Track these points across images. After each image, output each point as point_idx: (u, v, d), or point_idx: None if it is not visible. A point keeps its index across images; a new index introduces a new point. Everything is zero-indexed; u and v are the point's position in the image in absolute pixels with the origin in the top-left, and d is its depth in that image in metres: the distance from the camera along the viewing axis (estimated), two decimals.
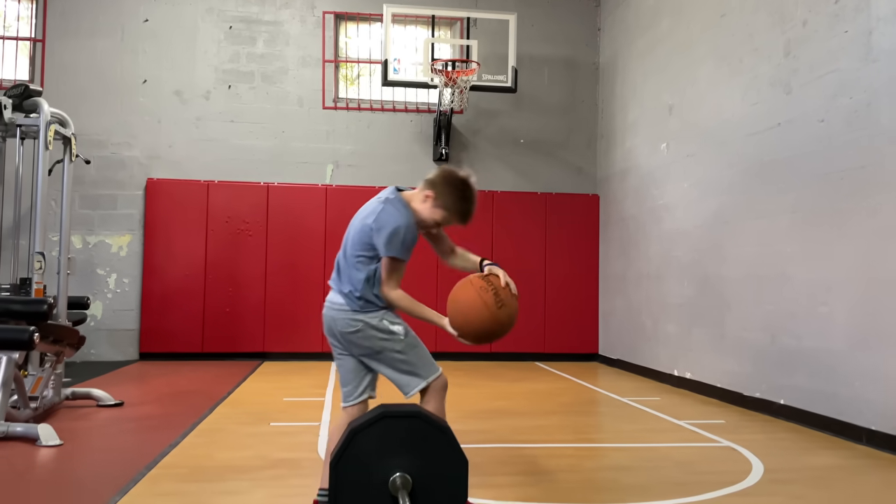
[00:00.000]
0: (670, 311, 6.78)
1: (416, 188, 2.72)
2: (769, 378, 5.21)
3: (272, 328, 8.29)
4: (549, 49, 8.91)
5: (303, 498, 3.03)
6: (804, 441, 4.38)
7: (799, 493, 3.26)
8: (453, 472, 2.45)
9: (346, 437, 2.41)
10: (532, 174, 8.80)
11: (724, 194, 5.92)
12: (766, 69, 5.37)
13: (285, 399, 5.60)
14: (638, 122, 7.68)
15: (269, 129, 8.51)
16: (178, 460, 3.63)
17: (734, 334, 5.69)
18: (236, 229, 8.30)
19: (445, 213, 2.64)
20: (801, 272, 4.91)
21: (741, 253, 5.63)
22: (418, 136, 8.73)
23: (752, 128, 5.51)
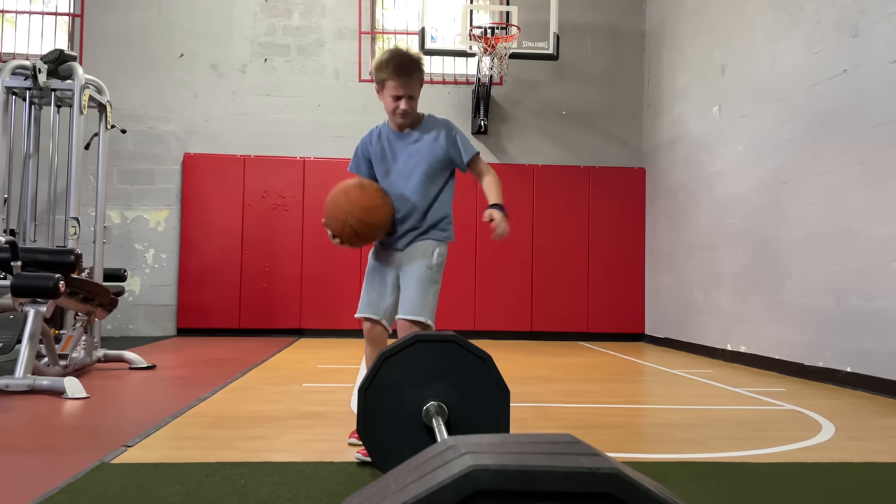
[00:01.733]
0: (723, 283, 6.42)
1: None
2: (834, 345, 4.84)
3: (309, 304, 8.15)
4: (592, 16, 8.58)
5: (330, 443, 2.83)
6: (876, 406, 4.02)
7: (877, 449, 2.93)
8: (493, 402, 2.22)
9: (376, 363, 2.21)
10: (574, 147, 8.49)
11: (782, 153, 5.54)
12: (829, 13, 4.99)
13: (320, 366, 5.43)
14: (687, 87, 7.31)
15: (306, 103, 8.38)
16: (204, 410, 3.47)
17: (794, 301, 5.32)
18: (272, 204, 8.19)
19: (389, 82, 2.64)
20: (870, 227, 4.53)
21: (802, 213, 5.26)
22: (456, 107, 8.49)
23: (815, 78, 5.13)
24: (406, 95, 2.64)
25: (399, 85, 2.62)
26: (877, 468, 2.60)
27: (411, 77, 2.63)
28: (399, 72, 2.61)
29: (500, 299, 8.22)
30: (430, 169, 2.70)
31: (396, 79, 2.61)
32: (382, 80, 2.66)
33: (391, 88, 2.64)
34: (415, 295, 2.66)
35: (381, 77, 2.66)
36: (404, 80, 2.61)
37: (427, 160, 2.70)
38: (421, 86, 2.71)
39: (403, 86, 2.62)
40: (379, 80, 2.69)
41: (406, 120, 2.69)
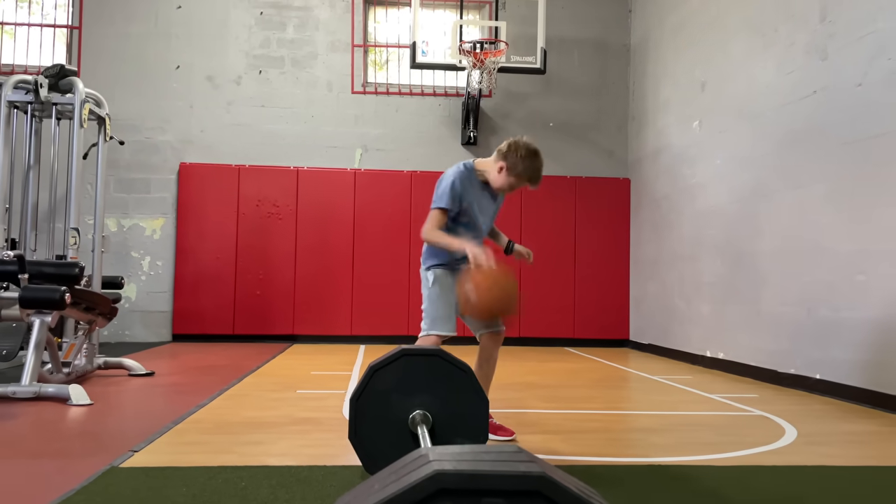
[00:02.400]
0: (704, 291, 6.65)
1: (491, 158, 3.13)
2: (805, 353, 5.07)
3: (301, 311, 8.34)
4: (578, 31, 8.82)
5: (323, 448, 3.02)
6: (840, 412, 4.25)
7: (831, 453, 3.15)
8: (474, 411, 2.42)
9: (366, 374, 2.40)
10: (562, 158, 8.72)
11: (758, 168, 5.78)
12: (801, 36, 5.23)
13: (313, 372, 5.62)
14: (670, 101, 7.55)
15: (299, 114, 8.57)
16: (204, 416, 3.66)
17: (770, 310, 5.55)
18: (266, 213, 8.37)
19: (516, 178, 3.02)
20: (837, 242, 4.77)
21: (776, 226, 5.50)
22: (446, 119, 8.71)
23: (787, 98, 5.37)
24: (515, 189, 3.10)
25: (519, 185, 3.07)
26: (826, 471, 2.82)
27: (533, 188, 3.10)
28: (531, 181, 3.04)
29: None
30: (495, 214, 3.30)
31: (524, 182, 3.05)
32: (515, 172, 3.00)
33: (513, 181, 3.03)
34: None
35: (514, 168, 3.00)
36: (528, 186, 3.08)
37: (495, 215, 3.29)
38: None
39: (521, 186, 3.08)
40: (511, 166, 3.00)
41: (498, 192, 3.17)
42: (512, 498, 0.82)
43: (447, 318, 3.07)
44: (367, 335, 8.36)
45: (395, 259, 8.42)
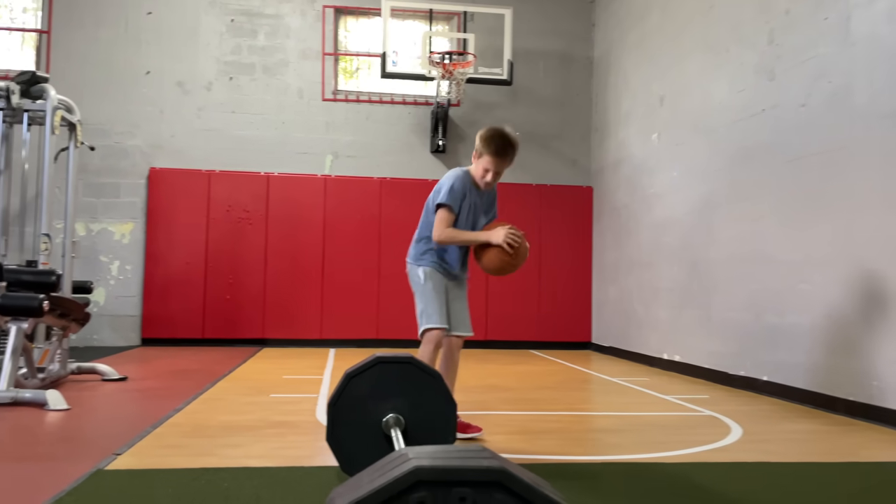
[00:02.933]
0: (661, 297, 6.95)
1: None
2: (753, 355, 5.38)
3: (272, 315, 8.45)
4: (544, 43, 9.09)
5: (300, 450, 3.19)
6: (784, 412, 4.55)
7: (771, 450, 3.42)
8: (443, 414, 2.62)
9: (342, 381, 2.58)
10: (527, 166, 8.97)
11: (711, 180, 6.09)
12: (751, 57, 5.55)
13: (285, 376, 5.75)
14: (630, 113, 7.85)
15: (270, 120, 8.68)
16: (181, 420, 3.80)
17: (721, 315, 5.86)
18: (237, 218, 8.46)
19: (487, 159, 3.15)
20: (783, 251, 5.08)
21: (727, 236, 5.81)
22: (416, 127, 8.90)
23: (738, 114, 5.68)
24: (494, 172, 3.18)
25: (493, 163, 3.15)
26: (764, 467, 3.08)
27: (504, 160, 3.16)
28: (497, 153, 3.13)
29: None
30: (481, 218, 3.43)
31: (493, 158, 3.14)
32: (481, 153, 3.16)
33: (486, 163, 3.16)
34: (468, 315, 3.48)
35: (481, 150, 3.16)
36: (498, 160, 3.15)
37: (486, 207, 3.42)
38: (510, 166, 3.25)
39: (496, 164, 3.16)
40: (479, 150, 3.18)
41: (487, 189, 3.31)
42: (476, 487, 1.02)
43: (442, 311, 3.31)
44: (337, 339, 8.50)
45: (364, 264, 8.58)
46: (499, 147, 3.13)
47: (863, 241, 4.32)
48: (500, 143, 3.13)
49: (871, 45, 4.29)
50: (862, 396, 4.28)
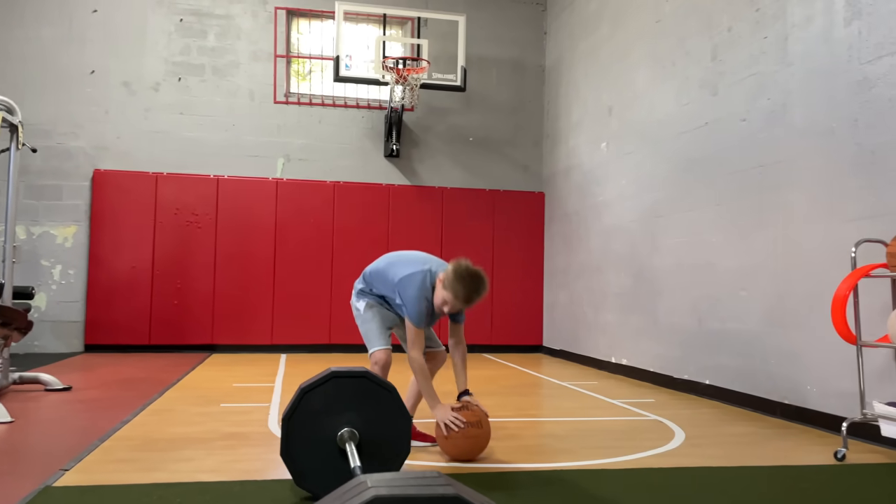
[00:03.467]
0: (609, 302, 7.13)
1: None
2: (696, 360, 5.57)
3: (221, 320, 8.34)
4: (497, 51, 9.20)
5: (252, 463, 3.19)
6: (724, 415, 4.73)
7: (712, 454, 3.57)
8: (398, 428, 2.66)
9: (297, 396, 2.60)
10: (480, 171, 9.08)
11: (657, 190, 6.28)
12: (695, 72, 5.74)
13: (235, 385, 5.70)
14: (581, 122, 8.02)
15: (220, 122, 8.57)
16: (130, 433, 3.74)
17: (666, 320, 6.04)
18: (185, 221, 8.32)
19: (452, 297, 3.16)
20: (724, 260, 5.28)
21: (672, 244, 6.00)
22: (369, 131, 8.90)
23: (683, 127, 5.88)
24: (452, 310, 3.24)
25: (455, 305, 3.20)
26: (705, 471, 3.21)
27: (467, 306, 3.22)
28: (465, 300, 3.17)
29: None
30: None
31: (458, 302, 3.17)
32: (449, 288, 3.16)
33: (449, 300, 3.18)
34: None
35: (450, 286, 3.16)
36: (462, 305, 3.21)
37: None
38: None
39: (457, 306, 3.21)
40: (447, 283, 3.17)
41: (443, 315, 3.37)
42: None
43: (382, 333, 3.45)
44: (289, 344, 8.44)
45: (317, 269, 8.54)
46: (468, 295, 3.16)
47: (798, 250, 4.53)
48: (469, 291, 3.15)
49: (806, 64, 4.50)
50: (797, 400, 4.49)
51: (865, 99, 3.96)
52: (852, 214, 4.05)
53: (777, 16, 4.78)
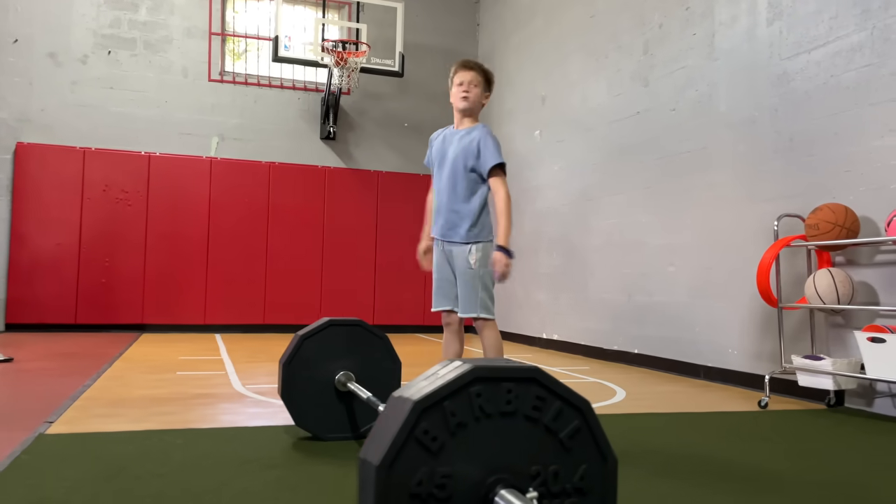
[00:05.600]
0: (541, 281, 7.52)
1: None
2: (626, 332, 6.03)
3: (151, 299, 8.19)
4: (431, 39, 9.43)
5: (237, 416, 3.31)
6: (654, 378, 5.18)
7: (653, 405, 3.97)
8: (389, 370, 2.87)
9: (297, 343, 2.76)
10: (416, 157, 9.29)
11: (588, 175, 6.70)
12: (627, 64, 6.18)
13: (181, 358, 5.70)
14: (514, 110, 8.38)
15: (152, 98, 8.39)
16: (97, 395, 3.75)
17: (596, 296, 6.48)
18: (114, 198, 8.12)
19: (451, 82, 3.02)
20: (653, 238, 5.75)
21: (603, 225, 6.43)
22: (305, 113, 8.94)
23: (615, 116, 6.31)
24: (466, 80, 2.94)
25: (462, 73, 2.96)
26: (650, 416, 3.59)
27: (471, 70, 2.96)
28: (462, 65, 2.98)
29: (347, 294, 8.80)
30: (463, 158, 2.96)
31: (459, 70, 2.98)
32: (451, 76, 3.01)
33: (456, 78, 2.98)
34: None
35: (451, 74, 3.02)
36: (464, 70, 2.95)
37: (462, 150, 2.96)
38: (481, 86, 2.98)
39: (463, 74, 2.95)
40: (450, 82, 3.03)
41: (466, 104, 2.96)
42: (518, 382, 1.31)
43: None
44: (222, 324, 8.40)
45: (251, 249, 8.53)
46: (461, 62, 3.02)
47: (721, 228, 5.02)
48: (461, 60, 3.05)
49: (731, 59, 4.99)
50: (719, 363, 4.99)
51: (784, 91, 4.47)
52: (771, 194, 4.56)
53: (705, 14, 5.26)
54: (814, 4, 4.28)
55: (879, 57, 3.83)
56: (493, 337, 3.11)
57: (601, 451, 1.38)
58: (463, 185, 2.97)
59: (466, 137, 2.98)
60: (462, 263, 2.97)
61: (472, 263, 2.96)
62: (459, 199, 2.99)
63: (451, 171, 3.00)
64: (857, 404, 3.92)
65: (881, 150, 3.81)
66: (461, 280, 2.99)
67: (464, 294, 2.98)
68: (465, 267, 2.97)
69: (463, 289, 2.98)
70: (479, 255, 2.96)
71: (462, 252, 2.97)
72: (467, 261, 2.96)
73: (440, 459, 1.26)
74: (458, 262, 2.99)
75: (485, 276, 2.97)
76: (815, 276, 3.84)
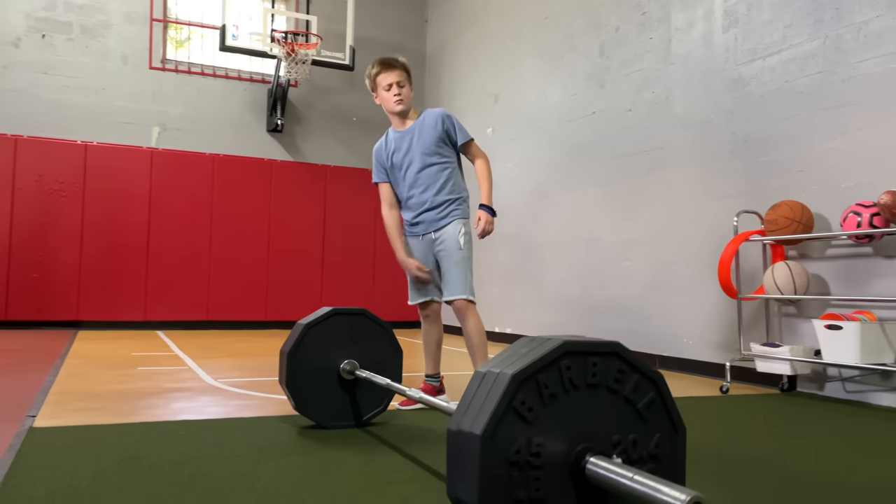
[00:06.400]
0: (493, 277, 7.65)
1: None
2: (582, 323, 6.22)
3: (88, 295, 7.85)
4: (379, 33, 9.41)
5: (227, 408, 3.25)
6: None
7: None
8: (392, 359, 2.90)
9: (301, 331, 2.75)
10: (364, 151, 9.23)
11: (543, 172, 6.87)
12: (583, 66, 6.38)
13: (133, 354, 5.51)
14: (464, 108, 8.47)
15: (89, 86, 8.04)
16: (66, 389, 3.60)
17: (552, 290, 6.66)
18: (48, 190, 7.74)
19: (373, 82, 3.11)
20: (608, 234, 5.96)
21: (558, 221, 6.61)
22: (251, 105, 8.76)
23: (570, 115, 6.50)
24: (395, 82, 3.02)
25: (386, 74, 3.00)
26: None
27: (395, 68, 3.02)
28: (383, 64, 3.01)
29: (295, 289, 8.67)
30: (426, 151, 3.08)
31: (382, 70, 3.00)
32: (374, 78, 3.04)
33: (383, 80, 3.02)
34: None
35: (373, 76, 3.04)
36: (389, 71, 3.01)
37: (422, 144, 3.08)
38: (408, 82, 3.09)
39: (389, 75, 3.01)
40: (372, 84, 3.07)
41: (403, 106, 3.07)
42: (602, 356, 1.39)
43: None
44: (163, 320, 8.13)
45: (195, 243, 8.30)
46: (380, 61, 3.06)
47: (676, 225, 5.26)
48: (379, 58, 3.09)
49: (688, 64, 5.24)
50: (674, 352, 5.23)
51: (740, 95, 4.73)
52: (726, 192, 4.82)
53: (662, 20, 5.49)
54: (769, 13, 4.56)
55: (831, 65, 4.12)
56: (477, 321, 3.18)
57: (673, 422, 1.47)
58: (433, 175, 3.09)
59: (423, 127, 3.11)
60: (452, 245, 3.07)
61: (462, 244, 3.08)
62: (435, 189, 3.11)
63: (419, 167, 3.09)
64: (808, 388, 4.21)
65: (833, 151, 4.10)
66: (450, 262, 3.07)
67: (453, 276, 3.07)
68: (454, 248, 3.07)
69: (452, 271, 3.07)
70: (466, 237, 3.10)
71: (452, 233, 3.08)
72: (457, 241, 3.08)
73: (535, 429, 1.32)
74: (448, 245, 3.08)
75: (470, 258, 3.13)
76: (774, 268, 4.09)
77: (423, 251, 3.19)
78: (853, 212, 3.70)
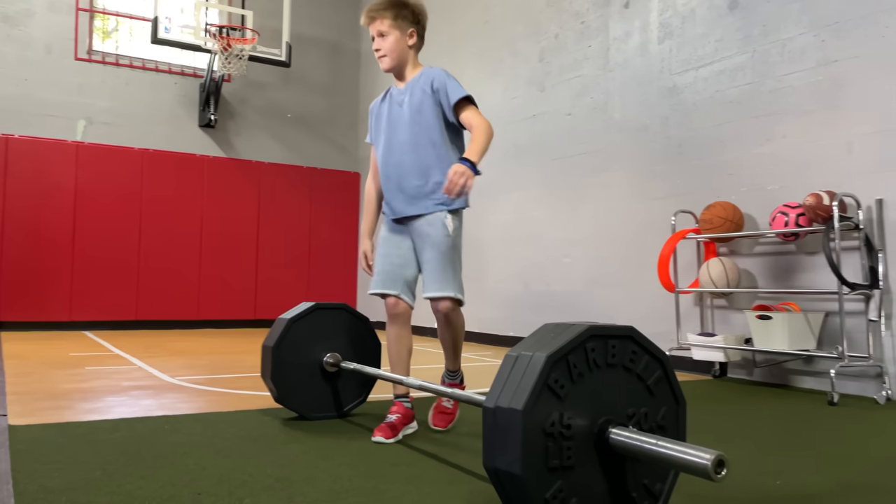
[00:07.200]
0: None
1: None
2: (522, 318, 6.46)
3: (7, 294, 7.50)
4: (316, 31, 9.39)
5: (196, 403, 3.26)
6: None
7: None
8: (370, 351, 3.01)
9: (285, 326, 2.82)
10: (298, 148, 9.21)
11: (485, 173, 7.05)
12: (523, 70, 6.62)
13: (72, 354, 5.34)
14: None
15: (10, 76, 7.67)
16: (22, 390, 3.50)
17: (493, 286, 6.87)
18: None
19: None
20: (549, 232, 6.22)
21: (499, 220, 6.83)
22: (183, 99, 8.57)
23: (511, 118, 6.73)
24: (375, 34, 2.50)
25: (370, 27, 2.50)
26: None
27: (376, 16, 2.49)
28: (366, 13, 2.50)
29: (228, 287, 8.54)
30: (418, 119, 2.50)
31: (365, 21, 2.50)
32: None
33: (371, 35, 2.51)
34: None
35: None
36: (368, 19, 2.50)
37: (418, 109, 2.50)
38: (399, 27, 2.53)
39: (370, 25, 2.50)
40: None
41: (387, 64, 2.53)
42: (620, 339, 1.56)
43: None
44: (91, 320, 7.86)
45: (123, 240, 8.06)
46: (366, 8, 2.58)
47: (615, 223, 5.57)
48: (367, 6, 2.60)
49: (624, 71, 5.55)
50: None
51: (675, 102, 5.07)
52: (662, 193, 5.15)
53: (600, 29, 5.79)
54: (701, 28, 4.91)
55: (759, 76, 4.50)
56: (461, 323, 2.67)
57: (675, 396, 1.67)
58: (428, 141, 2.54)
59: (416, 86, 2.55)
60: (438, 231, 2.50)
61: (451, 230, 2.53)
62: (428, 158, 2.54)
63: (410, 130, 2.53)
64: (738, 374, 4.58)
65: (760, 156, 4.48)
66: (435, 253, 2.49)
67: (436, 270, 2.48)
68: (441, 235, 2.49)
69: (437, 264, 2.49)
70: (456, 224, 2.56)
71: (437, 218, 2.52)
72: (444, 227, 2.51)
73: (566, 404, 1.48)
74: (433, 232, 2.50)
75: (460, 250, 2.58)
76: (709, 264, 4.43)
77: (395, 240, 2.62)
78: (781, 212, 4.06)
